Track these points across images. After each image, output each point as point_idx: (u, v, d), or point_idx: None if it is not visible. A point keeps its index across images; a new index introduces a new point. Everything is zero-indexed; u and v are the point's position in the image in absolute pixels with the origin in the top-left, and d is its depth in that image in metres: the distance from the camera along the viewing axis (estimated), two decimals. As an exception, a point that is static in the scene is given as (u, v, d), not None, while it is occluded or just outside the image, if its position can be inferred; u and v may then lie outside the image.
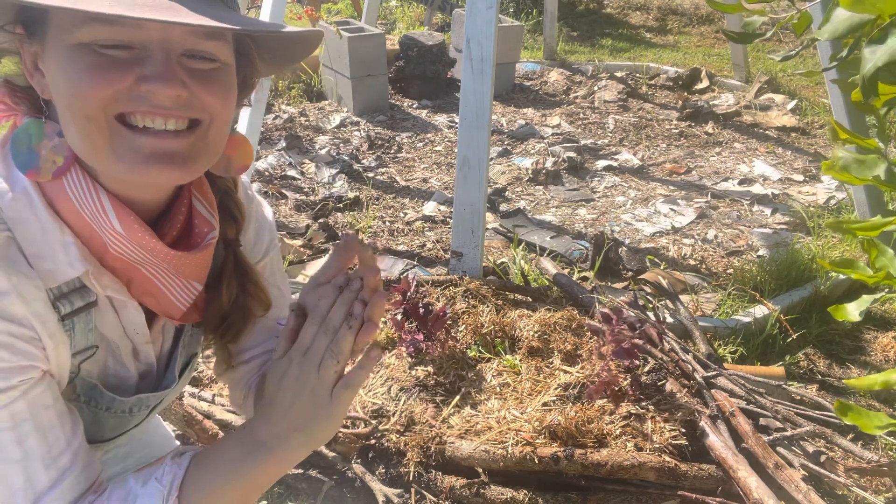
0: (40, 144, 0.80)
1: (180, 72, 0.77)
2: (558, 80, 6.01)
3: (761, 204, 3.88)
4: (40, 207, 0.81)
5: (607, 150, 4.62)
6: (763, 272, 2.96)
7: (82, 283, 0.85)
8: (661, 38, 7.70)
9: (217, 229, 0.93)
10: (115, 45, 0.74)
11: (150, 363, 0.99)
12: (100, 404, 0.93)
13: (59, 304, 0.83)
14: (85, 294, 0.85)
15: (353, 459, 1.83)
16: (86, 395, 0.91)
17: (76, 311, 0.85)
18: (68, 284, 0.84)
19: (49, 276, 0.81)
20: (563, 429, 1.81)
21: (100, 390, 0.92)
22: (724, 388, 2.06)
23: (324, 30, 5.08)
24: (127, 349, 0.94)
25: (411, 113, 5.25)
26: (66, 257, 0.82)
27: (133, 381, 0.98)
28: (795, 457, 1.84)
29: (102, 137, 0.76)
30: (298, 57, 0.95)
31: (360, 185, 4.01)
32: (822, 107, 5.19)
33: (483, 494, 1.74)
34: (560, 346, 2.16)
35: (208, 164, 0.85)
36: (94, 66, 0.74)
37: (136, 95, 0.75)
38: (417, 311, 2.10)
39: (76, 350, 0.87)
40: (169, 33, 0.75)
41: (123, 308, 0.91)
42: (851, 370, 2.56)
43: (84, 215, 0.81)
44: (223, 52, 0.81)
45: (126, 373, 0.96)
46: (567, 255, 3.20)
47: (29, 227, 0.81)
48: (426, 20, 7.71)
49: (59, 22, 0.75)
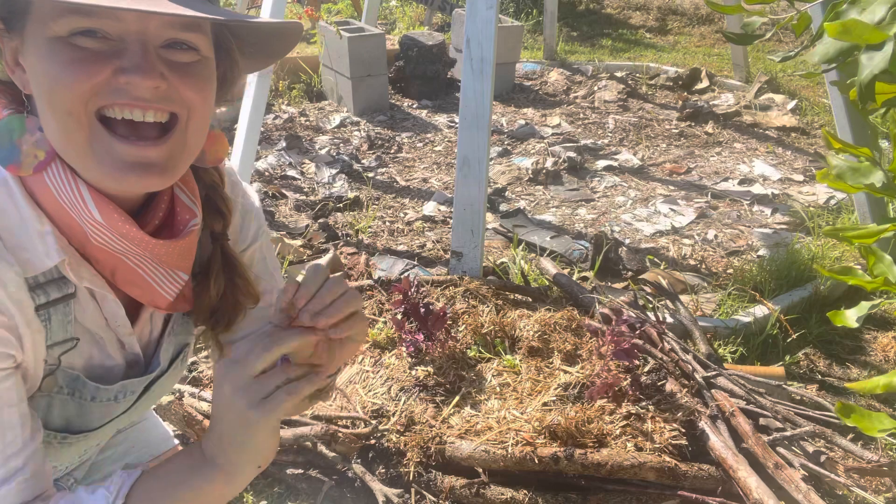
0: (21, 139, 0.80)
1: (159, 64, 0.77)
2: (558, 80, 6.01)
3: (761, 204, 3.88)
4: (19, 197, 0.82)
5: (607, 150, 4.62)
6: (763, 272, 2.96)
7: (60, 273, 0.85)
8: (661, 39, 7.70)
9: (199, 217, 0.93)
10: (91, 36, 0.74)
11: (135, 353, 0.98)
12: (84, 394, 0.93)
13: (35, 294, 0.83)
14: (62, 285, 0.85)
15: (353, 459, 1.83)
16: (69, 387, 0.91)
17: (52, 301, 0.84)
18: (45, 275, 0.83)
19: (27, 266, 0.81)
20: (563, 429, 1.81)
21: (83, 381, 0.92)
22: (724, 388, 2.07)
23: (324, 30, 5.08)
24: (111, 340, 0.94)
25: (411, 113, 5.25)
26: (44, 247, 0.82)
27: (120, 370, 0.97)
28: (795, 457, 1.84)
29: (82, 134, 0.77)
30: (279, 52, 0.95)
31: (360, 185, 4.01)
32: (822, 107, 5.19)
33: (483, 494, 1.74)
34: (560, 346, 2.16)
35: (187, 164, 0.85)
36: (72, 60, 0.74)
37: (115, 88, 0.75)
38: (417, 311, 2.10)
39: (53, 342, 0.86)
40: (146, 24, 0.75)
41: (104, 300, 0.90)
42: (851, 370, 2.56)
43: (64, 205, 0.82)
44: (202, 44, 0.81)
45: (111, 362, 0.96)
46: (567, 255, 3.20)
47: (8, 217, 0.81)
48: (426, 20, 7.71)
49: (38, 15, 0.76)
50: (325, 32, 5.06)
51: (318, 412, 1.92)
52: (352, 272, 3.00)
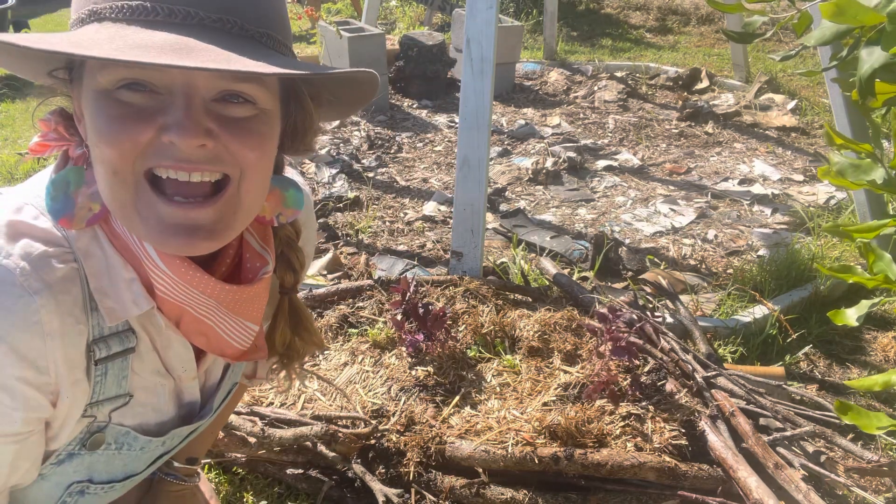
0: (78, 191, 0.76)
1: (206, 119, 0.70)
2: (558, 80, 6.01)
3: (761, 204, 3.87)
4: (105, 243, 0.77)
5: (607, 150, 4.62)
6: (763, 272, 2.96)
7: (127, 326, 0.81)
8: (661, 38, 7.70)
9: (271, 264, 0.88)
10: (138, 90, 0.69)
11: (193, 400, 0.95)
12: (133, 447, 0.90)
13: (96, 347, 0.78)
14: (125, 339, 0.81)
15: (353, 459, 1.83)
16: (117, 443, 0.88)
17: (112, 356, 0.80)
18: (111, 328, 0.79)
19: (111, 314, 0.77)
20: (563, 429, 1.81)
21: (133, 436, 0.89)
22: (724, 388, 2.06)
23: (324, 29, 5.08)
24: (169, 389, 0.90)
25: (411, 113, 5.25)
26: (131, 294, 0.78)
27: (173, 422, 0.95)
28: (795, 457, 1.84)
29: (128, 194, 0.71)
30: (356, 101, 0.86)
31: (360, 185, 4.01)
32: (822, 107, 5.19)
33: (483, 494, 1.74)
34: (560, 346, 2.16)
35: (243, 225, 0.79)
36: (116, 118, 0.69)
37: (160, 148, 0.69)
38: (417, 311, 2.10)
39: (105, 397, 0.83)
40: (192, 77, 0.68)
41: (168, 347, 0.86)
42: (851, 370, 2.56)
43: (134, 254, 0.77)
44: (261, 96, 0.73)
45: (164, 417, 0.93)
46: (567, 255, 3.20)
47: (96, 261, 0.77)
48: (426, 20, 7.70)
49: (90, 66, 0.71)
50: (325, 32, 5.06)
51: (318, 412, 1.92)
52: (352, 272, 3.00)
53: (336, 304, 2.43)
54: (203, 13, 0.67)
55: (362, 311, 2.39)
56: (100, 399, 0.82)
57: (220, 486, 1.86)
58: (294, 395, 2.02)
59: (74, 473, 0.88)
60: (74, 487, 0.88)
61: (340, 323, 2.32)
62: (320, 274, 2.92)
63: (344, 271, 3.00)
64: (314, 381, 2.07)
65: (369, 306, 2.40)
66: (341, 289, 2.48)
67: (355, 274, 2.98)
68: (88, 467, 0.88)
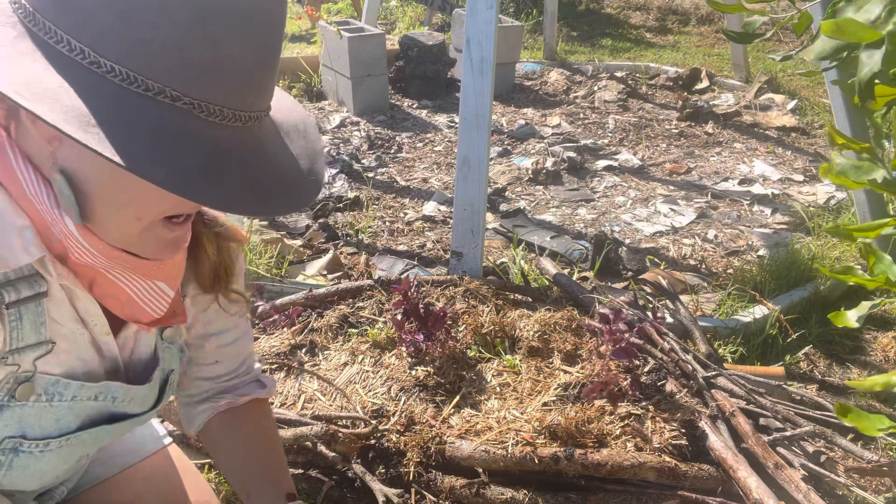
0: None
1: None
2: (558, 80, 6.01)
3: (761, 204, 3.88)
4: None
5: (607, 150, 4.62)
6: (763, 272, 2.96)
7: (34, 270, 0.81)
8: (661, 38, 7.70)
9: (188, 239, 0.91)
10: None
11: (113, 356, 0.95)
12: (63, 396, 0.89)
13: (4, 291, 0.78)
14: (34, 283, 0.81)
15: (353, 459, 1.83)
16: (47, 393, 0.87)
17: (23, 300, 0.80)
18: (16, 271, 0.79)
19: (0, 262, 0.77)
20: (563, 429, 1.81)
21: (64, 383, 0.88)
22: (724, 388, 2.06)
23: (324, 29, 5.08)
24: (87, 338, 0.90)
25: (411, 113, 5.25)
26: (21, 241, 0.77)
27: (100, 374, 0.94)
28: (795, 457, 1.84)
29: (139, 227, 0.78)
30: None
31: (360, 185, 4.01)
32: (822, 107, 5.19)
33: (483, 494, 1.74)
34: (560, 346, 2.16)
35: None
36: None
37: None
38: (417, 311, 2.10)
39: (24, 344, 0.82)
40: None
41: (76, 298, 0.86)
42: (851, 370, 2.56)
43: (45, 220, 0.78)
44: None
45: (91, 367, 0.92)
46: (567, 255, 3.20)
47: None
48: (426, 20, 7.71)
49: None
50: (325, 32, 5.06)
51: (318, 412, 1.92)
52: (352, 272, 3.00)
53: (336, 304, 2.43)
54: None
55: (362, 311, 2.39)
56: (19, 346, 0.82)
57: (220, 486, 1.86)
58: (294, 396, 2.03)
59: (5, 428, 0.86)
60: (7, 443, 0.87)
61: (340, 323, 2.32)
62: (320, 274, 2.93)
63: (344, 271, 3.00)
64: (314, 381, 2.08)
65: (369, 306, 2.40)
66: (341, 289, 2.48)
67: (355, 274, 2.98)
68: (19, 421, 0.87)
